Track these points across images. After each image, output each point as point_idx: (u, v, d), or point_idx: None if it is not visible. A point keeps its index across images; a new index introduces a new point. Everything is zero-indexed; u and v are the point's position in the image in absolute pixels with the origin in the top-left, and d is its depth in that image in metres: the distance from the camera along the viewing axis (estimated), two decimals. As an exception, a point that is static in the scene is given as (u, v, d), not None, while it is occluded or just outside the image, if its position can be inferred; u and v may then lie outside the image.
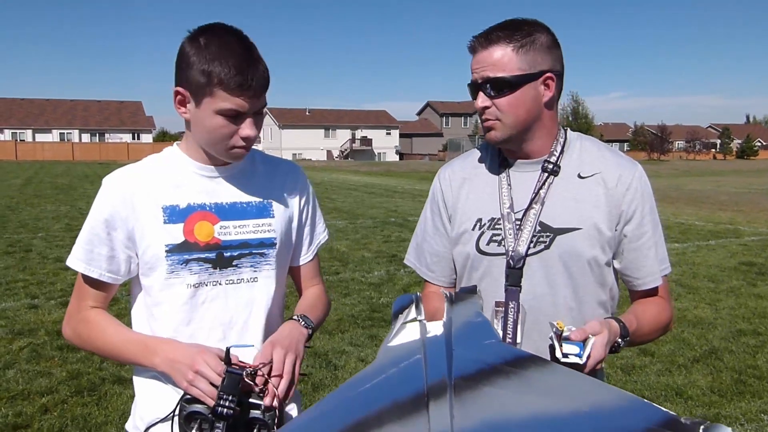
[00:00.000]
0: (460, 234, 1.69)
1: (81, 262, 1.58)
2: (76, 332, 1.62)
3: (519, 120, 1.57)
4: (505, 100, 1.55)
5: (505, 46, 1.53)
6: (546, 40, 1.57)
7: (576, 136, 1.68)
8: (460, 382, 1.03)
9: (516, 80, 1.53)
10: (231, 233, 1.61)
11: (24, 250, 9.87)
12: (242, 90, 1.46)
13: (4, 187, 22.77)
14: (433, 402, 0.98)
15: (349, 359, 5.23)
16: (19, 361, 5.08)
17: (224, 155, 1.57)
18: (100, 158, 57.73)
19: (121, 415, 4.13)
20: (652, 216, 1.63)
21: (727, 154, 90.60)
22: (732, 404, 4.42)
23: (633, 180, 1.61)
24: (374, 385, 1.10)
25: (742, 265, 9.16)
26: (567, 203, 1.59)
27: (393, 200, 19.77)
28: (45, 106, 71.16)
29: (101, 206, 1.57)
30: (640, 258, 1.62)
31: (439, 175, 1.81)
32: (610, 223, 1.59)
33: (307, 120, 77.05)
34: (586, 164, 1.62)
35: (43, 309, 6.56)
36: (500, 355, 1.11)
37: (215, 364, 1.43)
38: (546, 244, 1.57)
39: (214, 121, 1.49)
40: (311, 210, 1.82)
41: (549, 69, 1.56)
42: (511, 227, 1.60)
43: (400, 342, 1.23)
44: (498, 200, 1.64)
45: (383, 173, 39.75)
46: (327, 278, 8.05)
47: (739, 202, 19.52)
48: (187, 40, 1.50)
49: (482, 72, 1.55)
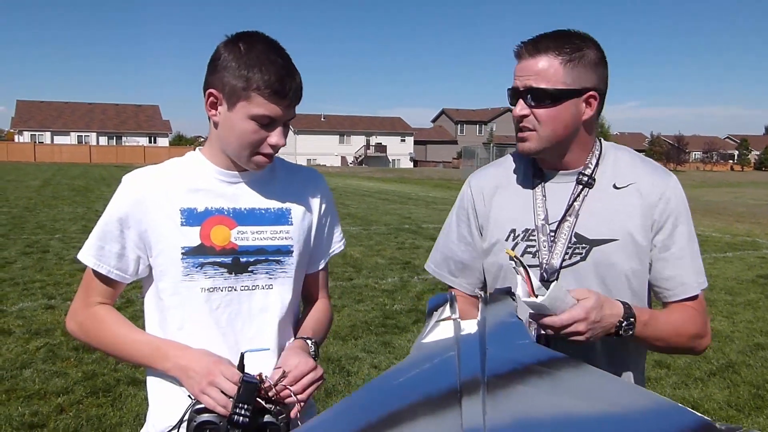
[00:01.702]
0: (493, 244, 1.66)
1: (91, 257, 1.59)
2: (83, 327, 1.62)
3: (555, 134, 1.54)
4: (544, 111, 1.52)
5: (552, 58, 1.50)
6: (594, 57, 1.54)
7: (611, 147, 1.66)
8: (493, 379, 1.03)
9: (558, 94, 1.50)
10: (248, 239, 1.60)
11: (41, 251, 9.96)
12: (279, 98, 1.48)
13: (23, 188, 23.02)
14: (465, 398, 0.99)
15: (362, 365, 5.22)
16: (36, 361, 5.12)
17: (247, 162, 1.57)
18: (117, 161, 58.21)
19: (135, 416, 4.15)
20: (686, 227, 1.59)
21: (744, 166, 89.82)
22: (750, 419, 4.36)
23: (667, 189, 1.58)
24: (408, 379, 1.11)
25: (759, 278, 9.06)
26: (602, 214, 1.56)
27: (407, 207, 19.76)
28: (63, 109, 71.93)
29: (117, 204, 1.58)
30: (670, 268, 1.58)
31: (470, 182, 1.78)
32: (645, 233, 1.56)
33: (322, 126, 77.29)
34: (621, 175, 1.60)
35: (59, 309, 6.61)
36: (534, 355, 1.11)
37: (231, 374, 1.44)
38: (582, 255, 1.55)
39: (246, 126, 1.50)
40: (330, 219, 1.81)
41: (593, 87, 1.53)
42: (546, 239, 1.57)
43: (434, 339, 1.24)
44: (532, 211, 1.61)
45: (397, 180, 39.76)
46: (340, 284, 8.06)
47: (756, 213, 19.33)
48: (225, 44, 1.52)
49: (525, 80, 1.52)
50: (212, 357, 1.51)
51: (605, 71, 1.57)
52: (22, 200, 18.30)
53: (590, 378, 1.09)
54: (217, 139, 1.60)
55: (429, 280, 8.45)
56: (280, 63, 1.49)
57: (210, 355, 1.52)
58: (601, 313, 1.36)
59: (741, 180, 48.52)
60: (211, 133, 1.62)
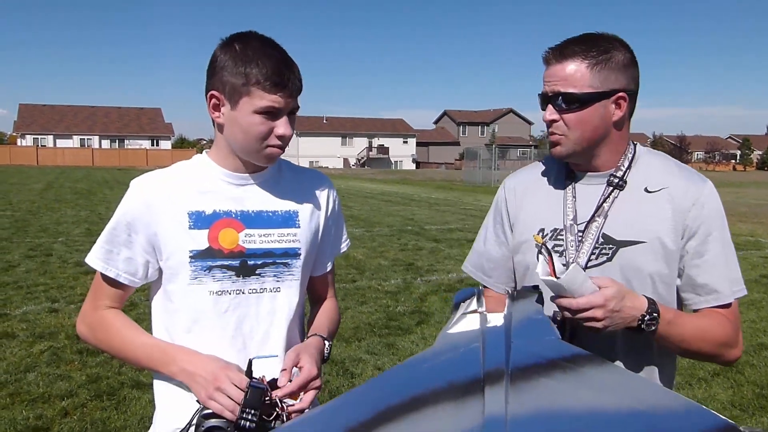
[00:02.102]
0: (521, 243, 1.69)
1: (99, 260, 1.59)
2: (92, 331, 1.63)
3: (584, 137, 1.55)
4: (573, 115, 1.54)
5: (579, 62, 1.52)
6: (623, 59, 1.54)
7: (645, 151, 1.66)
8: (517, 372, 1.04)
9: (586, 97, 1.52)
10: (256, 241, 1.61)
11: (45, 254, 9.98)
12: (279, 88, 1.50)
13: (26, 191, 23.07)
14: (488, 387, 1.00)
15: (365, 367, 5.23)
16: (40, 365, 5.13)
17: (259, 157, 1.58)
18: (120, 164, 58.34)
19: (139, 419, 4.16)
20: (720, 234, 1.57)
21: (747, 165, 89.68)
22: (753, 419, 4.35)
23: (701, 196, 1.57)
24: (432, 365, 1.13)
25: (763, 278, 9.05)
26: (632, 216, 1.57)
27: (410, 208, 19.76)
28: (66, 112, 72.08)
29: (126, 208, 1.58)
30: (702, 275, 1.56)
31: (504, 183, 1.82)
32: (675, 238, 1.55)
33: (324, 128, 77.38)
34: (654, 179, 1.60)
35: (63, 313, 6.62)
36: (558, 350, 1.13)
37: (239, 380, 1.45)
38: (608, 256, 1.56)
39: (252, 120, 1.51)
40: (336, 221, 1.82)
41: (622, 88, 1.54)
42: (573, 239, 1.58)
43: (460, 330, 1.26)
44: (561, 211, 1.63)
45: (400, 181, 39.78)
46: (344, 286, 8.06)
47: (759, 213, 19.29)
48: (221, 46, 1.54)
49: (553, 85, 1.54)
50: (220, 362, 1.52)
51: (635, 71, 1.58)
52: (25, 203, 18.34)
53: (615, 375, 1.09)
54: (223, 141, 1.60)
55: (432, 282, 8.45)
56: (276, 56, 1.52)
57: (217, 360, 1.53)
58: (621, 303, 1.37)
59: (743, 180, 48.43)
60: (216, 136, 1.63)
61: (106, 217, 13.76)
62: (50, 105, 73.35)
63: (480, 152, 39.36)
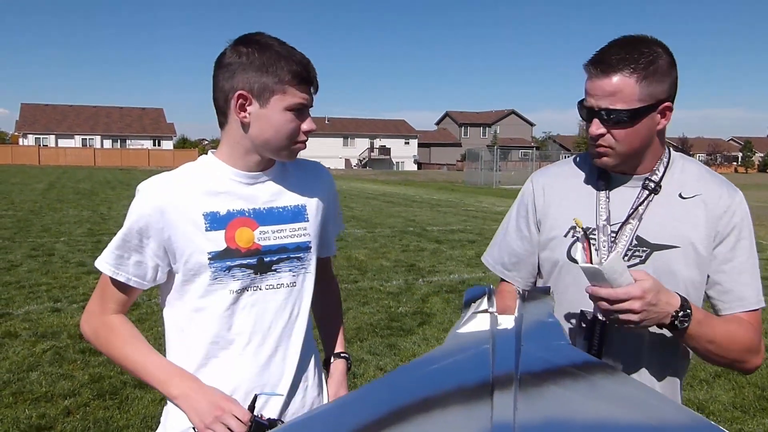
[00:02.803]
0: (550, 239, 1.67)
1: (110, 266, 1.59)
2: (97, 334, 1.64)
3: (632, 149, 1.53)
4: (622, 132, 1.50)
5: (627, 76, 1.46)
6: (665, 64, 1.50)
7: (679, 157, 1.66)
8: (527, 377, 1.03)
9: (635, 113, 1.48)
10: (270, 238, 1.64)
11: (47, 254, 9.98)
12: (307, 85, 1.56)
13: (28, 191, 23.09)
14: (498, 392, 0.99)
15: (368, 368, 5.24)
16: (43, 364, 5.14)
17: (287, 153, 1.62)
18: (122, 164, 58.36)
19: (142, 419, 4.17)
20: (748, 243, 1.58)
21: (748, 168, 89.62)
22: (755, 420, 4.36)
23: (732, 203, 1.57)
24: (441, 367, 1.12)
25: (764, 280, 9.01)
26: (666, 221, 1.56)
27: (411, 210, 19.77)
28: (68, 112, 72.12)
29: (138, 215, 1.57)
30: (729, 281, 1.57)
31: (532, 178, 1.80)
32: (707, 244, 1.55)
33: (326, 129, 77.37)
34: (688, 185, 1.60)
35: (65, 312, 6.64)
36: (569, 357, 1.11)
37: (242, 414, 1.48)
38: (642, 258, 1.55)
39: (284, 117, 1.55)
40: (336, 208, 1.87)
41: (667, 97, 1.51)
42: (606, 240, 1.57)
43: (470, 330, 1.25)
44: (594, 211, 1.61)
45: (401, 182, 39.78)
46: (345, 286, 8.06)
47: (760, 216, 19.26)
48: (235, 47, 1.55)
49: (599, 101, 1.49)
50: (222, 394, 1.54)
51: (675, 73, 1.54)
52: (27, 203, 18.36)
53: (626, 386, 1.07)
54: (241, 140, 1.60)
55: (434, 283, 8.46)
56: (298, 54, 1.56)
57: (220, 392, 1.55)
58: (657, 297, 1.35)
59: (745, 182, 48.35)
60: (227, 136, 1.63)
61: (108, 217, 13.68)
62: (52, 105, 73.35)
63: (482, 154, 39.37)
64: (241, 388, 1.61)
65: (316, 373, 1.80)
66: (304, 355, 1.73)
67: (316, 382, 1.78)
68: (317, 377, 1.80)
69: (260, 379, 1.63)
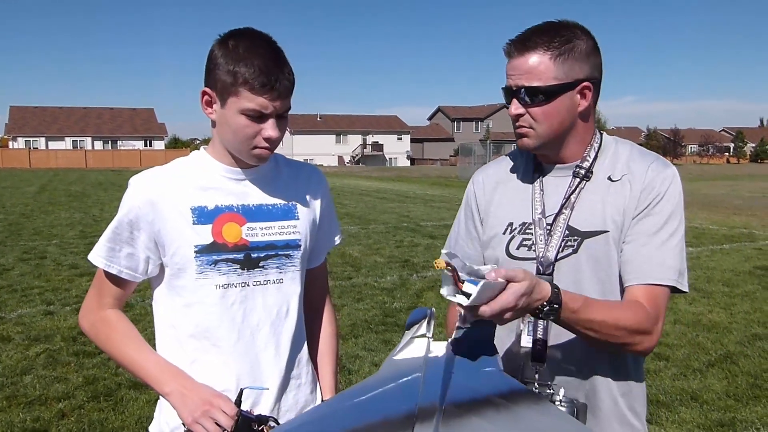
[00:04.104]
0: (491, 237, 1.67)
1: (102, 258, 1.61)
2: (95, 329, 1.66)
3: (552, 129, 1.53)
4: (539, 109, 1.51)
5: (541, 54, 1.48)
6: (585, 47, 1.51)
7: (612, 141, 1.65)
8: (451, 408, 1.03)
9: (551, 90, 1.49)
10: (258, 234, 1.64)
11: (39, 257, 9.96)
12: (265, 90, 1.49)
13: (19, 194, 22.99)
14: (419, 424, 0.99)
15: (362, 364, 5.24)
16: (36, 367, 5.13)
17: (247, 156, 1.59)
18: (113, 165, 58.10)
19: (137, 420, 4.17)
20: (662, 218, 1.52)
21: (740, 158, 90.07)
22: (748, 408, 4.39)
23: (656, 178, 1.54)
24: (370, 397, 1.13)
25: (756, 269, 9.10)
26: (595, 206, 1.56)
27: (405, 205, 19.78)
28: (58, 114, 71.74)
29: (128, 207, 1.59)
30: (630, 253, 1.52)
31: (473, 179, 1.79)
32: (630, 221, 1.54)
33: (319, 126, 77.29)
34: (618, 167, 1.59)
35: (58, 315, 6.61)
36: (495, 386, 1.12)
37: (229, 408, 1.49)
38: (574, 248, 1.55)
39: (238, 121, 1.52)
40: (330, 214, 1.85)
41: (586, 78, 1.52)
42: (542, 233, 1.57)
43: (405, 357, 1.25)
44: (530, 205, 1.62)
45: (395, 178, 39.79)
46: (340, 283, 8.07)
47: (753, 206, 19.37)
48: (217, 43, 1.55)
49: (517, 79, 1.51)
50: (212, 391, 1.55)
51: (598, 59, 1.55)
52: (19, 206, 18.28)
53: (548, 418, 1.08)
54: (218, 135, 1.63)
55: (428, 278, 8.46)
56: (266, 56, 1.51)
57: (211, 389, 1.56)
58: (530, 299, 1.28)
59: (737, 173, 48.65)
60: (214, 132, 1.65)
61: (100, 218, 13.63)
62: (42, 107, 72.88)
63: (475, 148, 39.40)
64: (231, 385, 1.61)
65: (309, 372, 1.80)
66: (295, 353, 1.73)
67: (309, 380, 1.78)
68: (310, 375, 1.80)
69: (251, 375, 1.63)
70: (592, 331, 1.41)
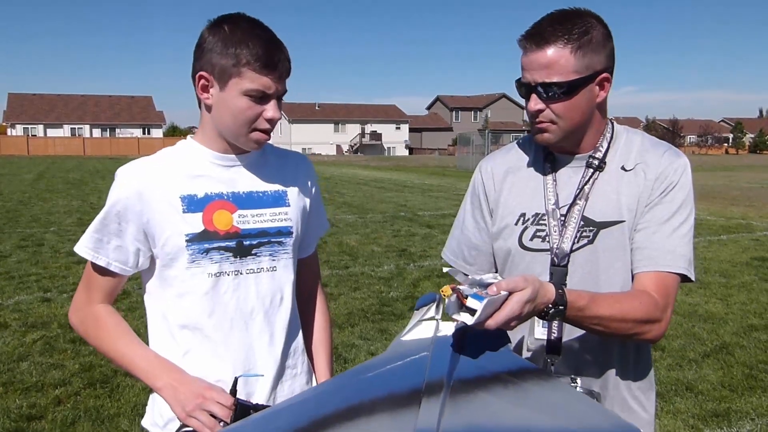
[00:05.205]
0: (502, 228, 1.64)
1: (89, 249, 1.58)
2: (84, 326, 1.63)
3: (573, 123, 1.50)
4: (560, 105, 1.47)
5: (561, 48, 1.43)
6: (600, 35, 1.47)
7: (623, 130, 1.63)
8: (458, 384, 1.03)
9: (573, 85, 1.45)
10: (249, 222, 1.62)
11: (36, 244, 9.95)
12: (269, 70, 1.49)
13: (17, 182, 22.95)
14: (426, 399, 0.99)
15: (359, 353, 5.25)
16: (33, 354, 5.13)
17: (245, 140, 1.57)
18: (111, 153, 58.06)
19: (132, 407, 4.17)
20: (674, 206, 1.51)
21: (739, 149, 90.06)
22: (743, 399, 4.40)
23: (669, 167, 1.53)
24: (376, 374, 1.13)
25: (754, 260, 9.10)
26: (610, 197, 1.54)
27: (403, 195, 19.76)
28: (56, 102, 71.57)
29: (115, 198, 1.57)
30: (642, 240, 1.51)
31: (480, 167, 1.76)
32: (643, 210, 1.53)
33: (317, 114, 77.16)
34: (631, 157, 1.57)
35: (55, 302, 6.61)
36: (504, 364, 1.12)
37: (225, 400, 1.47)
38: (589, 238, 1.53)
39: (240, 102, 1.51)
40: (318, 203, 1.84)
41: (604, 69, 1.49)
42: (556, 224, 1.55)
43: (413, 338, 1.25)
44: (542, 195, 1.59)
45: (393, 168, 39.75)
46: (337, 272, 8.08)
47: (751, 197, 19.38)
48: (209, 27, 1.54)
49: (535, 74, 1.46)
50: (205, 384, 1.53)
51: (612, 45, 1.51)
52: (17, 194, 18.25)
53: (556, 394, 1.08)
54: (211, 123, 1.60)
55: (425, 267, 8.47)
56: (265, 37, 1.51)
57: (204, 382, 1.54)
58: (534, 304, 1.27)
59: (736, 163, 48.63)
60: (203, 119, 1.62)
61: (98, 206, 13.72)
62: (40, 94, 72.73)
63: (473, 138, 39.29)
64: (226, 375, 1.60)
65: (305, 361, 1.79)
66: (290, 342, 1.72)
67: (305, 369, 1.77)
68: (306, 364, 1.79)
69: (245, 365, 1.62)
70: (600, 326, 1.41)
